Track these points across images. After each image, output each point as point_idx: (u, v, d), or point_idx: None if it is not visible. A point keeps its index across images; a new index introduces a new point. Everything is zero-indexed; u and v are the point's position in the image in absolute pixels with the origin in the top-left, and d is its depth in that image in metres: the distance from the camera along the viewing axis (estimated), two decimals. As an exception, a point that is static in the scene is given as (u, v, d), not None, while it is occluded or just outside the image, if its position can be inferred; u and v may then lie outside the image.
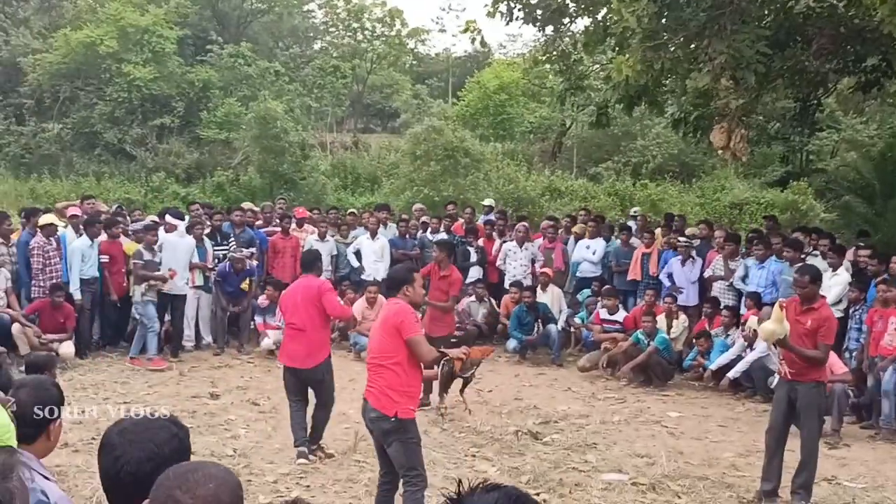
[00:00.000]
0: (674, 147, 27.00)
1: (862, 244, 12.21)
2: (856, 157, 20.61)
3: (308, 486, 7.81)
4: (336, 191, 28.41)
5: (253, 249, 14.17)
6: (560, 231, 15.57)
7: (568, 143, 31.59)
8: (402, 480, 6.42)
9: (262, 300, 13.72)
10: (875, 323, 10.11)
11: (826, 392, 8.22)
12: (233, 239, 14.26)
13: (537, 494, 7.77)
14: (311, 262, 9.12)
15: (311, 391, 8.93)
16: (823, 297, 7.94)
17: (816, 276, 7.72)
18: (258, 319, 13.70)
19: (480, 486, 1.63)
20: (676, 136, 20.66)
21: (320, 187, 27.51)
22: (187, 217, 14.34)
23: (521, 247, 14.97)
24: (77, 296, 12.44)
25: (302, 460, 8.43)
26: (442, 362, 7.23)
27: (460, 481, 1.74)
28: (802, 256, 11.90)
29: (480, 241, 15.41)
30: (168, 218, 13.68)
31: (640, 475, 8.35)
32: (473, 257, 15.22)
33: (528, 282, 14.54)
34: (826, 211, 22.36)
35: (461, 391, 10.26)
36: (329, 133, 36.33)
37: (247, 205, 17.06)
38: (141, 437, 2.62)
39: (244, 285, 13.71)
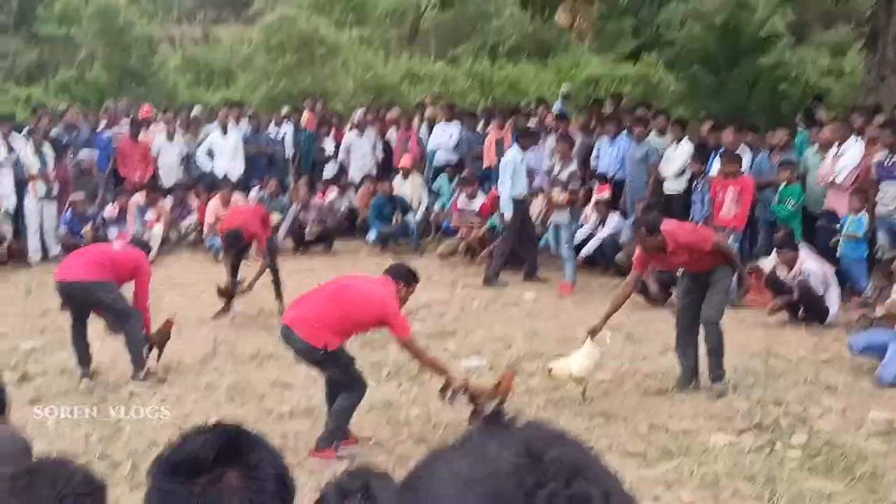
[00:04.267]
0: (529, 26, 26.88)
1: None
2: (700, 27, 20.94)
3: (164, 399, 7.69)
4: (189, 87, 27.43)
5: (95, 152, 13.62)
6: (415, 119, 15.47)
7: (425, 27, 31.12)
8: (342, 390, 6.42)
9: (111, 210, 13.21)
10: (717, 193, 10.45)
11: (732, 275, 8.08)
12: (68, 141, 13.66)
13: (399, 386, 7.91)
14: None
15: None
16: (665, 235, 7.48)
17: (651, 228, 7.46)
18: (110, 233, 13.18)
19: (198, 429, 1.63)
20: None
21: (172, 83, 26.52)
22: None
23: (361, 135, 14.79)
24: None
25: (85, 382, 8.02)
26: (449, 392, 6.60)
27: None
28: (647, 132, 12.14)
29: (332, 133, 15.21)
30: None
31: (498, 358, 8.56)
32: (330, 151, 15.02)
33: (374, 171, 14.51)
34: (677, 82, 22.80)
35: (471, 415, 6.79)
36: (177, 26, 34.81)
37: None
38: None
39: (86, 230, 12.95)
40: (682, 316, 7.80)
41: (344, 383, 6.42)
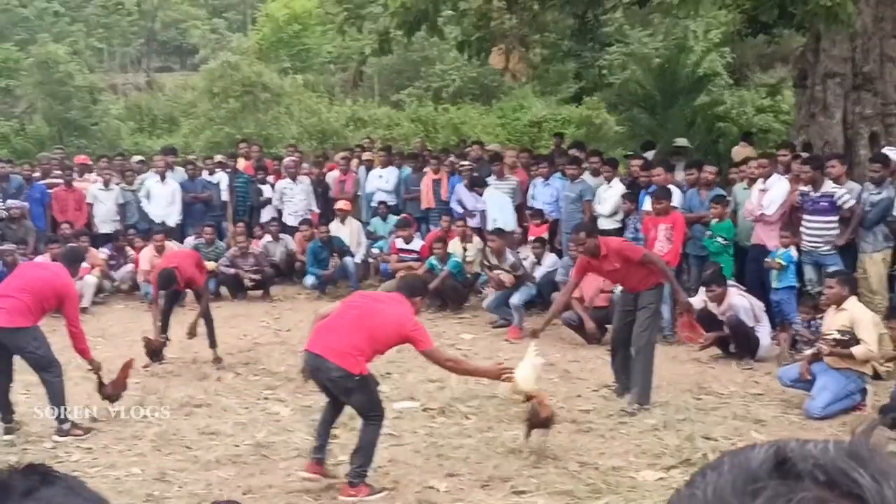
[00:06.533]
0: (472, 70, 27.18)
1: (631, 153, 12.63)
2: (639, 70, 21.28)
3: (90, 448, 7.51)
4: (132, 134, 27.30)
5: (26, 204, 13.45)
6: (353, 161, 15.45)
7: (369, 72, 31.28)
8: (365, 419, 6.45)
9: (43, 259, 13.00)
10: (649, 230, 10.52)
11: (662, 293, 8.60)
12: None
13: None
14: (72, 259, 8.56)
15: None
16: (599, 240, 8.12)
17: (590, 231, 8.21)
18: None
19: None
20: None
21: (114, 132, 26.37)
22: None
23: (294, 181, 14.75)
24: None
25: (8, 437, 7.77)
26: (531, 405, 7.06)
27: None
28: (580, 172, 12.22)
29: (271, 178, 15.12)
30: None
31: (431, 400, 8.47)
32: (268, 194, 14.93)
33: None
34: (618, 123, 23.10)
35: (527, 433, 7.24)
36: (121, 74, 34.70)
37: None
38: None
39: None
40: (616, 336, 8.37)
41: (368, 411, 6.40)
